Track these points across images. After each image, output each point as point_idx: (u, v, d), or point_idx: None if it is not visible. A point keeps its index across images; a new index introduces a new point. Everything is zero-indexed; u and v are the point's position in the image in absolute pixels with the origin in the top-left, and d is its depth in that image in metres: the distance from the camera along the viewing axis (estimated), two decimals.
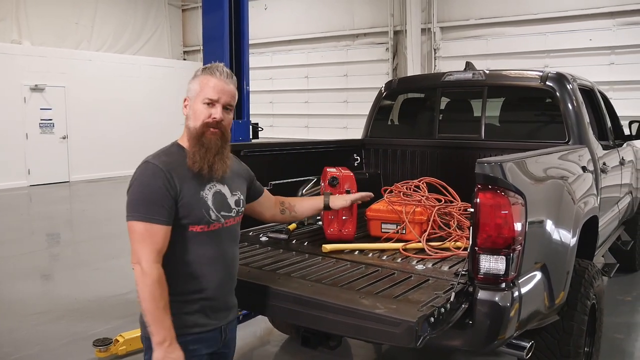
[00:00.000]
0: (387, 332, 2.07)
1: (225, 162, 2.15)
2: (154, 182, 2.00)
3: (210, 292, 2.12)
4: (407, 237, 3.26)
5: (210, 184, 2.14)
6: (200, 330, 2.12)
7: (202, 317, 2.12)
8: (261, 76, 16.02)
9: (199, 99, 2.12)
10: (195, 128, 2.10)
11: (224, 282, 2.18)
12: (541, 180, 2.86)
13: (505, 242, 2.40)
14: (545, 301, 2.75)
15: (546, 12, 11.43)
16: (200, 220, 2.07)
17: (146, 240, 1.97)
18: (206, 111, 2.10)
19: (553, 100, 4.05)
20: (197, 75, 2.17)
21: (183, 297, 2.08)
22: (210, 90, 2.11)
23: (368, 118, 4.96)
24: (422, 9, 12.86)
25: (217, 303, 2.16)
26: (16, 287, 5.94)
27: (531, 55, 11.64)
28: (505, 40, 12.03)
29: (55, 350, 4.33)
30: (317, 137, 13.48)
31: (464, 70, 4.55)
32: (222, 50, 4.73)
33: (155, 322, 1.96)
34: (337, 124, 14.32)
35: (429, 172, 4.32)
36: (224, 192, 2.18)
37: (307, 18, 15.10)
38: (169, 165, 2.05)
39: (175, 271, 2.05)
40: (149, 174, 2.02)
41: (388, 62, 13.69)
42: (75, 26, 15.14)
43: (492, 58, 11.99)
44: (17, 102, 13.28)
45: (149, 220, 1.97)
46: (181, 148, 2.15)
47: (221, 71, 2.15)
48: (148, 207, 1.98)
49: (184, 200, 2.03)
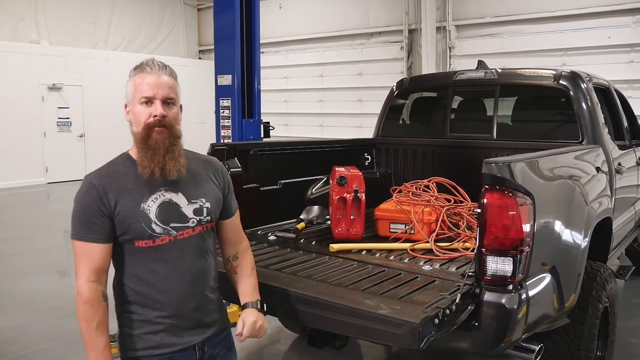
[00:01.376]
0: (390, 333, 2.06)
1: (179, 161, 1.94)
2: (86, 199, 1.89)
3: (171, 310, 1.95)
4: (415, 237, 3.23)
5: (156, 194, 1.94)
6: (168, 351, 1.97)
7: (169, 336, 1.96)
8: (276, 75, 16.03)
9: (136, 100, 1.94)
10: (139, 132, 1.93)
11: (187, 298, 1.98)
12: (551, 181, 2.82)
13: (513, 243, 2.37)
14: (554, 304, 2.71)
15: (564, 9, 11.27)
16: (141, 235, 1.90)
17: (82, 258, 1.87)
18: (146, 111, 1.93)
19: (566, 100, 3.99)
20: (130, 75, 2.00)
21: (143, 315, 1.95)
22: (144, 87, 1.93)
23: (379, 117, 4.94)
24: (437, 7, 12.76)
25: (184, 322, 1.98)
26: (32, 283, 6.02)
27: (548, 53, 11.49)
28: (522, 38, 11.89)
29: (66, 346, 4.37)
30: (332, 136, 13.45)
31: (476, 69, 4.51)
32: (234, 49, 4.74)
33: (88, 343, 1.87)
34: (351, 122, 14.27)
35: (440, 172, 4.28)
36: (175, 202, 1.97)
37: (321, 17, 15.08)
38: (105, 179, 1.92)
39: (130, 289, 1.95)
40: (84, 190, 1.91)
41: (403, 60, 13.61)
42: (92, 26, 15.28)
43: (508, 56, 11.86)
44: (36, 101, 13.45)
45: (83, 239, 1.88)
46: (128, 158, 2.00)
47: (151, 65, 1.97)
48: (82, 225, 1.88)
49: (120, 216, 1.89)
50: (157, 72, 1.96)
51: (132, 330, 1.96)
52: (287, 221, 3.71)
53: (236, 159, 3.49)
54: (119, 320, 2.01)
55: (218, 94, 4.92)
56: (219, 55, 4.86)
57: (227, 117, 4.86)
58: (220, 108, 4.90)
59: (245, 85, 4.92)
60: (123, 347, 1.99)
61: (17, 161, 13.11)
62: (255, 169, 3.67)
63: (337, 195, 3.25)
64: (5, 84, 12.91)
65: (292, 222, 3.67)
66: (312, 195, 4.05)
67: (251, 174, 3.63)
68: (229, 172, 3.38)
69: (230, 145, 3.53)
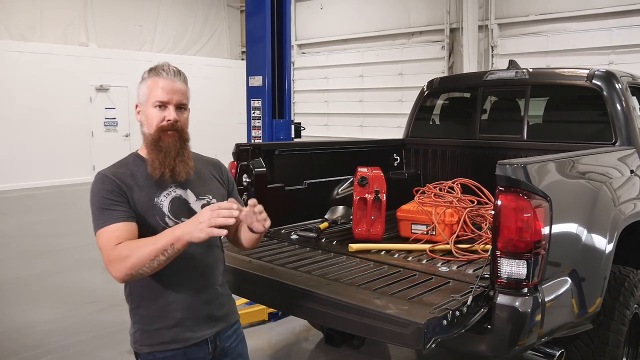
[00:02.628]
0: (396, 333, 2.07)
1: (188, 164, 2.02)
2: (104, 188, 1.92)
3: (183, 304, 2.00)
4: (436, 238, 3.22)
5: (168, 190, 2.01)
6: (182, 346, 2.00)
7: (182, 331, 2.00)
8: (316, 75, 16.12)
9: (150, 103, 2.00)
10: (151, 134, 2.00)
11: (199, 292, 2.03)
12: (571, 183, 2.76)
13: (527, 246, 2.34)
14: (574, 308, 2.66)
15: (612, 5, 10.91)
16: (155, 229, 1.91)
17: (110, 241, 1.85)
18: (159, 114, 1.99)
19: (600, 100, 3.88)
20: (144, 77, 2.05)
21: (156, 311, 1.99)
22: (159, 92, 1.99)
23: (409, 118, 4.93)
24: (479, 6, 12.56)
25: (196, 315, 2.02)
26: (75, 277, 6.26)
27: (595, 51, 11.15)
28: (567, 36, 11.58)
29: (103, 338, 4.53)
30: (371, 136, 13.42)
31: (507, 68, 4.44)
32: (264, 51, 4.82)
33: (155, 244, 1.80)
34: (391, 123, 14.19)
35: (469, 173, 4.23)
36: (185, 198, 2.03)
37: (362, 17, 15.05)
38: (119, 174, 1.97)
39: (143, 285, 1.98)
40: (99, 182, 1.94)
41: (444, 60, 13.46)
42: (138, 29, 15.71)
43: (553, 55, 11.57)
44: (84, 101, 13.95)
45: (107, 224, 1.88)
46: (138, 157, 2.05)
47: (167, 70, 2.02)
48: (104, 213, 1.89)
49: (136, 209, 1.93)
50: (173, 77, 2.02)
51: (145, 326, 2.01)
52: (311, 221, 3.75)
53: (261, 159, 3.55)
54: (133, 317, 2.06)
55: (249, 94, 5.01)
56: (250, 56, 4.95)
57: (258, 117, 4.94)
58: (251, 109, 4.99)
59: (276, 86, 4.99)
60: (137, 342, 2.04)
61: (66, 160, 13.63)
62: (280, 169, 3.72)
63: (358, 196, 3.27)
64: (56, 85, 13.44)
65: (316, 221, 3.70)
66: (338, 196, 4.08)
67: (276, 174, 3.69)
68: (253, 172, 3.49)
69: (254, 145, 3.59)
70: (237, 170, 3.45)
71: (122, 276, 1.84)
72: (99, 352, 4.31)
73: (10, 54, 12.75)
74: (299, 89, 16.69)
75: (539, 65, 11.50)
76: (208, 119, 15.97)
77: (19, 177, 12.81)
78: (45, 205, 11.31)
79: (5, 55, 12.67)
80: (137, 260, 1.80)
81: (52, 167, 13.38)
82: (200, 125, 15.71)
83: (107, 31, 14.87)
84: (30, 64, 13.02)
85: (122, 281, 1.89)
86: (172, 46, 16.48)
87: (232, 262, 2.73)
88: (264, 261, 2.86)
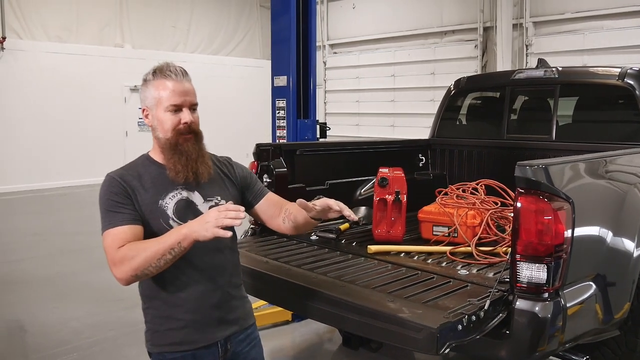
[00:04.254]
0: (409, 337, 2.03)
1: (208, 164, 2.02)
2: (110, 190, 1.92)
3: (191, 306, 1.97)
4: (458, 240, 3.16)
5: (173, 192, 1.98)
6: (191, 348, 1.98)
7: (191, 333, 1.98)
8: (348, 75, 16.07)
9: (162, 107, 1.96)
10: (167, 138, 1.96)
11: (206, 294, 1.99)
12: (597, 185, 2.68)
13: (547, 249, 2.27)
14: (598, 314, 2.58)
15: None
16: (159, 231, 1.89)
17: (115, 243, 1.86)
18: (174, 118, 1.95)
19: (632, 99, 3.76)
20: (149, 80, 1.99)
21: (166, 312, 1.98)
22: (171, 95, 1.95)
23: (435, 117, 4.85)
24: (514, 4, 12.33)
25: (204, 318, 1.99)
26: (102, 275, 6.34)
27: (632, 50, 10.79)
28: (604, 34, 11.26)
29: (127, 336, 4.60)
30: (403, 136, 13.31)
31: (536, 67, 4.33)
32: (289, 51, 4.82)
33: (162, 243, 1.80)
34: (423, 123, 13.99)
35: (496, 174, 4.14)
36: (192, 200, 2.00)
37: (394, 16, 14.95)
38: (125, 176, 1.96)
39: (152, 286, 1.98)
40: (106, 185, 1.94)
41: (477, 59, 13.26)
42: (172, 30, 15.92)
43: (589, 54, 11.28)
44: (119, 101, 14.21)
45: (114, 225, 1.88)
46: (148, 159, 2.03)
47: (175, 71, 1.97)
48: (111, 215, 1.89)
49: (140, 211, 1.92)
50: (181, 79, 1.97)
51: (156, 326, 2.01)
52: (333, 221, 3.72)
53: (282, 159, 3.55)
54: (145, 317, 2.07)
55: (274, 94, 5.03)
56: (275, 56, 4.96)
57: (283, 117, 4.94)
58: (276, 109, 5.00)
59: (301, 86, 4.99)
60: (148, 342, 2.05)
61: (101, 159, 13.88)
62: (301, 169, 3.71)
63: (378, 197, 3.23)
64: (91, 86, 13.72)
65: (338, 222, 3.67)
66: (361, 196, 4.05)
67: (298, 174, 3.68)
68: (273, 173, 3.48)
69: (275, 145, 3.59)
70: (258, 171, 3.45)
71: (126, 277, 1.83)
72: (124, 349, 4.37)
73: (47, 55, 13.05)
74: (331, 89, 16.68)
75: (576, 64, 11.25)
76: (241, 119, 16.11)
77: (56, 176, 13.12)
78: (79, 204, 11.54)
79: (42, 56, 12.98)
80: (143, 260, 1.80)
81: (88, 166, 13.66)
82: (234, 125, 15.90)
83: (142, 32, 15.11)
84: (67, 65, 13.31)
85: (127, 283, 1.87)
86: (205, 46, 16.64)
87: (248, 263, 2.73)
88: (281, 262, 2.86)
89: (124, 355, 4.29)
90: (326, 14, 16.69)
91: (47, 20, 13.25)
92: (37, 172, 12.86)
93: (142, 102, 2.02)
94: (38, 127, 12.97)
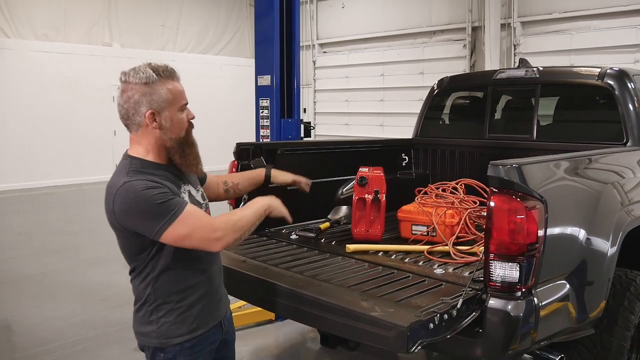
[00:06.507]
0: (380, 336, 2.03)
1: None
2: (149, 186, 1.89)
3: (207, 288, 2.11)
4: (437, 239, 3.17)
5: (183, 187, 2.09)
6: (204, 331, 2.09)
7: (205, 315, 2.09)
8: (337, 74, 16.08)
9: (174, 108, 2.01)
10: (180, 137, 2.03)
11: (216, 274, 2.19)
12: (571, 184, 2.69)
13: (520, 249, 2.28)
14: (573, 313, 2.59)
15: (637, 3, 10.62)
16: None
17: (189, 219, 1.89)
18: (184, 117, 2.06)
19: (611, 99, 3.78)
20: (154, 81, 1.96)
21: (184, 301, 2.03)
22: (182, 96, 2.04)
23: (418, 117, 4.87)
24: (502, 4, 12.38)
25: (215, 297, 2.16)
26: (86, 275, 6.34)
27: (620, 50, 10.88)
28: (592, 34, 11.33)
29: (110, 335, 4.59)
30: (392, 136, 13.33)
31: (517, 67, 4.36)
32: (272, 50, 4.82)
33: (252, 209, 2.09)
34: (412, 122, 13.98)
35: (478, 173, 4.17)
36: (191, 192, 2.14)
37: (383, 15, 14.98)
38: (148, 178, 1.95)
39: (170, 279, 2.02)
40: (139, 187, 1.90)
41: (465, 59, 13.30)
42: (161, 28, 15.86)
43: (576, 54, 11.34)
44: (107, 101, 14.10)
45: (184, 208, 1.90)
46: (149, 164, 2.02)
47: (177, 72, 2.07)
48: (169, 205, 1.88)
49: None
50: (179, 78, 2.09)
51: (173, 318, 2.04)
52: (314, 221, 3.72)
53: (262, 159, 3.54)
54: (156, 314, 2.04)
55: (258, 94, 5.02)
56: (259, 56, 4.96)
57: (266, 116, 4.94)
58: (259, 108, 4.99)
59: (285, 85, 4.99)
60: (163, 336, 2.04)
61: (89, 158, 13.84)
62: (283, 169, 3.69)
63: (357, 196, 3.24)
64: (79, 85, 13.65)
65: (319, 221, 3.67)
66: (343, 196, 4.05)
67: None
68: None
69: (256, 144, 3.58)
70: (238, 170, 3.45)
71: (230, 241, 1.97)
72: (106, 349, 4.36)
73: (34, 54, 12.98)
74: (320, 88, 16.68)
75: (563, 64, 11.30)
76: (231, 118, 16.06)
77: (43, 175, 13.05)
78: (65, 203, 11.50)
79: (29, 55, 12.91)
80: (245, 223, 2.02)
81: (76, 165, 13.60)
82: (224, 124, 15.85)
83: (131, 31, 15.05)
84: (55, 63, 13.25)
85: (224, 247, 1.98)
86: (195, 46, 16.59)
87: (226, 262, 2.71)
88: (258, 261, 2.85)
89: (106, 355, 4.28)
90: (315, 13, 16.69)
91: (35, 19, 13.17)
92: (24, 171, 12.79)
93: (146, 105, 1.97)
94: (25, 126, 12.90)
